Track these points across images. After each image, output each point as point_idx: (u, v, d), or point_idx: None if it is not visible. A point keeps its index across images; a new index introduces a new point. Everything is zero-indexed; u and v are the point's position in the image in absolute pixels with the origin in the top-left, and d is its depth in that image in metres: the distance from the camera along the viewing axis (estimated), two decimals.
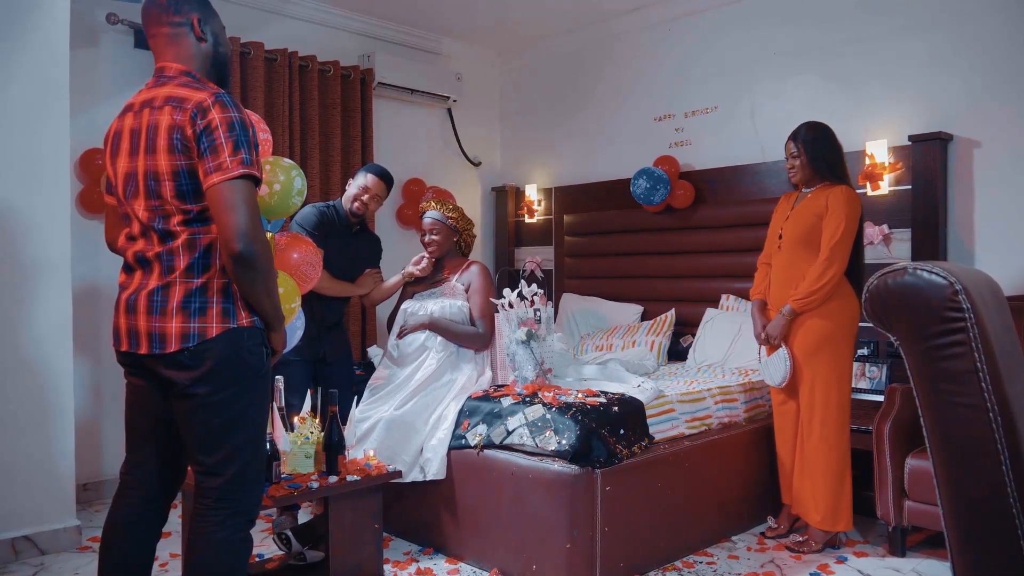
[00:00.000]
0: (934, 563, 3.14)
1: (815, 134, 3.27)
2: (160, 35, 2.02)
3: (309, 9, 4.86)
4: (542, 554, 2.86)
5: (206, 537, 1.96)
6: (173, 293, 1.91)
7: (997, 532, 1.26)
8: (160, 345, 1.91)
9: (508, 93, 6.02)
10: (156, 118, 1.91)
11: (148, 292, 1.93)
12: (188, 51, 2.02)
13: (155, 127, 1.91)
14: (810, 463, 3.23)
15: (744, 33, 4.59)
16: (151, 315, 1.92)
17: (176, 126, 1.88)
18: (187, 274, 1.92)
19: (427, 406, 3.27)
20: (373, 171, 3.57)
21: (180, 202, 1.91)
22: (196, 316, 1.91)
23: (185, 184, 1.90)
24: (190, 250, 1.92)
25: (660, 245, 4.86)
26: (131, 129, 1.97)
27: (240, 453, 1.98)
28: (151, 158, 1.91)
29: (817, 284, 3.12)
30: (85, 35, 4.00)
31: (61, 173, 3.32)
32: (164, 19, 2.01)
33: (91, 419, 4.01)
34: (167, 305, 1.91)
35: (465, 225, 3.65)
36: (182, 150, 1.88)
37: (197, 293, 1.91)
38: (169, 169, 1.89)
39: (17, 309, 3.21)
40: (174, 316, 1.90)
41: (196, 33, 2.03)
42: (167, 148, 1.89)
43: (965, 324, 1.24)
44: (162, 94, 1.94)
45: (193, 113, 1.87)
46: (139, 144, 1.94)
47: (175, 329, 1.90)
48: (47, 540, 3.24)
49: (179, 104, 1.89)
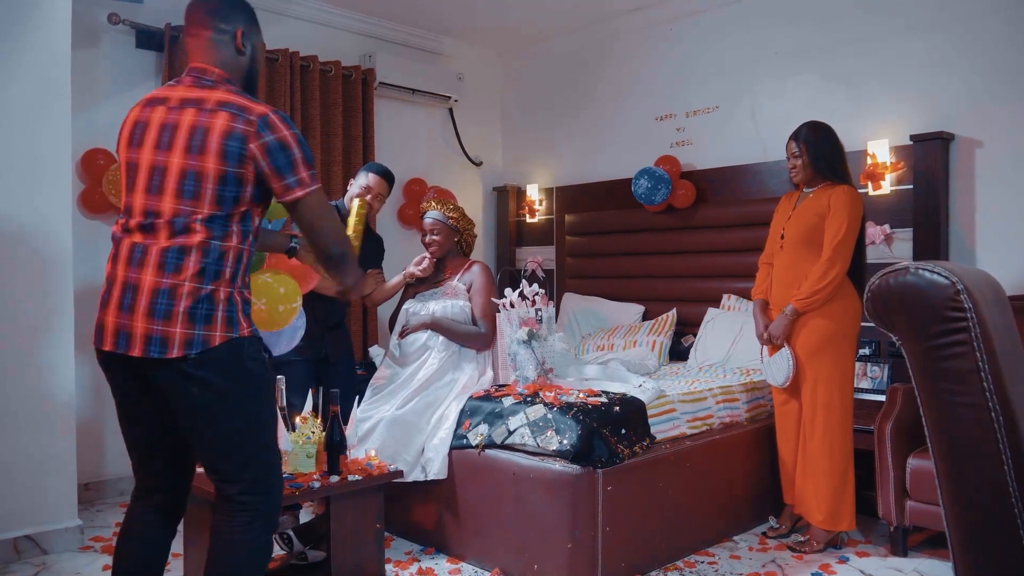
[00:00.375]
0: (936, 563, 3.14)
1: (817, 134, 3.27)
2: (202, 37, 2.01)
3: (310, 9, 4.86)
4: (543, 554, 2.86)
5: (228, 542, 1.96)
6: (180, 296, 1.86)
7: (999, 532, 1.26)
8: (160, 350, 1.84)
9: (509, 93, 6.02)
10: (208, 120, 1.90)
11: (152, 292, 1.86)
12: (227, 60, 2.02)
13: (206, 129, 1.89)
14: (812, 463, 3.23)
15: (745, 33, 4.58)
16: (152, 317, 1.85)
17: (237, 134, 1.88)
18: (198, 278, 1.88)
19: (428, 406, 3.27)
20: (375, 170, 3.56)
21: (217, 207, 1.90)
22: (201, 323, 1.87)
23: (231, 190, 1.90)
24: (205, 254, 1.89)
25: (661, 245, 4.85)
26: (163, 123, 1.93)
27: (256, 458, 1.99)
28: (196, 158, 1.88)
29: (820, 284, 3.12)
30: (86, 35, 4.00)
31: (62, 173, 3.33)
32: (210, 23, 2.01)
33: (93, 419, 4.02)
34: (172, 308, 1.85)
35: (466, 225, 3.65)
36: (238, 158, 1.89)
37: (205, 299, 1.88)
38: (217, 173, 1.88)
39: (19, 309, 3.22)
40: (179, 321, 1.85)
41: (237, 45, 2.04)
42: (220, 152, 1.88)
43: (967, 324, 1.24)
44: (214, 98, 1.93)
45: (260, 126, 1.89)
46: (175, 141, 1.90)
47: (179, 335, 1.85)
48: (49, 540, 3.24)
49: (240, 112, 1.90)
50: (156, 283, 1.87)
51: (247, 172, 1.90)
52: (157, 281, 1.87)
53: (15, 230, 3.21)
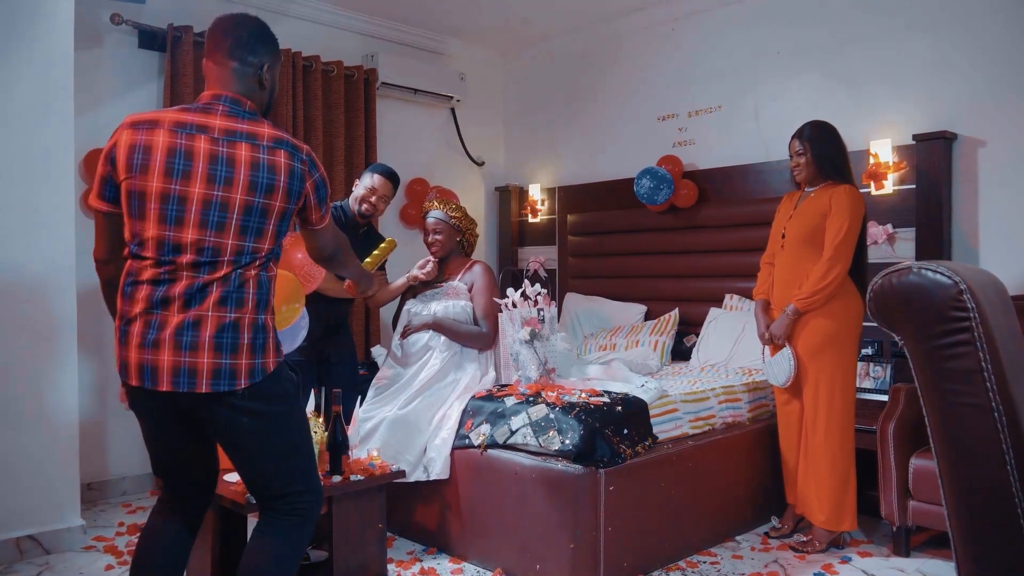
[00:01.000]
0: (938, 563, 3.13)
1: (820, 132, 3.27)
2: (227, 66, 1.99)
3: (312, 9, 4.86)
4: (546, 554, 2.86)
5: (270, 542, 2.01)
6: (244, 328, 1.88)
7: (1001, 532, 1.26)
8: (230, 382, 1.86)
9: (512, 93, 6.02)
10: (271, 159, 1.92)
11: (218, 327, 1.85)
12: (248, 91, 2.01)
13: (271, 167, 1.91)
14: (814, 463, 3.23)
15: (747, 33, 4.58)
16: (221, 352, 1.85)
17: (298, 172, 1.96)
18: (257, 309, 1.91)
19: (431, 406, 3.27)
20: (380, 171, 3.56)
21: (276, 240, 1.97)
22: (260, 351, 1.91)
23: (286, 226, 2.00)
24: (260, 286, 1.93)
25: (664, 245, 4.85)
26: (215, 155, 1.88)
27: (303, 470, 2.05)
28: (266, 196, 1.90)
29: (821, 283, 3.12)
30: (89, 35, 4.01)
31: (65, 173, 3.33)
32: (237, 54, 1.99)
33: (96, 419, 4.02)
34: (239, 340, 1.87)
35: (468, 225, 3.65)
36: (297, 195, 1.98)
37: (261, 328, 1.92)
38: (281, 210, 1.95)
39: (22, 309, 3.22)
40: (244, 352, 1.87)
41: (261, 79, 2.04)
42: (287, 190, 1.94)
43: (970, 324, 1.23)
44: (265, 133, 1.94)
45: (311, 165, 2.01)
46: (236, 177, 1.88)
47: (245, 366, 1.88)
48: (52, 539, 3.25)
49: (295, 151, 1.97)
50: (220, 318, 1.86)
51: (296, 207, 2.00)
52: (221, 316, 1.86)
53: (18, 230, 3.22)
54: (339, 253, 2.29)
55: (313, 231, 2.14)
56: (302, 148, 2.00)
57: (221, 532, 2.62)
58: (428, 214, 3.63)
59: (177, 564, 2.11)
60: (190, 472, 2.12)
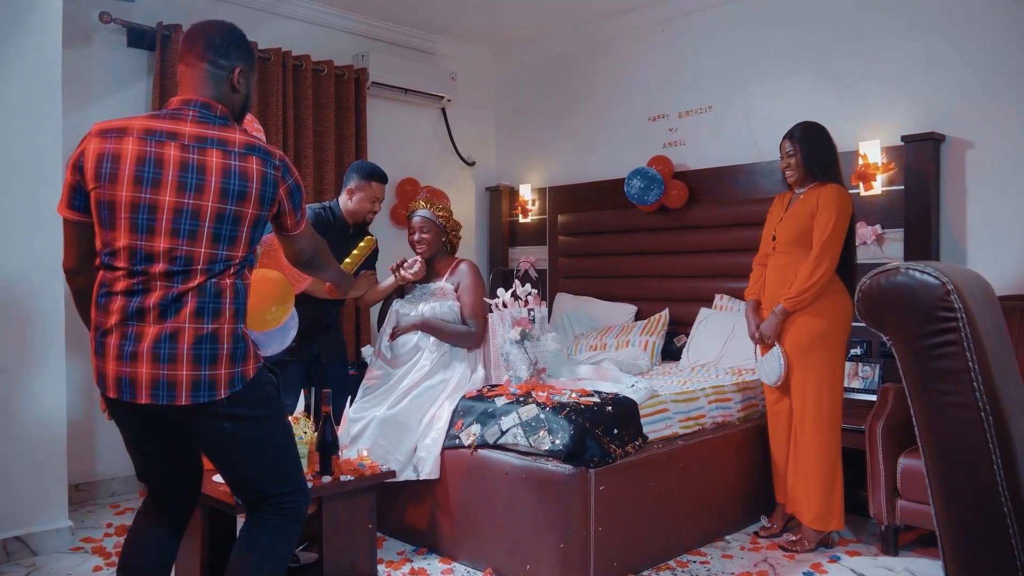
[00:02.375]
0: (926, 562, 3.15)
1: (810, 134, 3.28)
2: (199, 68, 1.97)
3: (303, 8, 4.85)
4: (536, 554, 2.86)
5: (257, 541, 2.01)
6: (223, 339, 1.87)
7: (989, 531, 1.27)
8: (210, 393, 1.85)
9: (502, 93, 6.02)
10: (242, 165, 1.90)
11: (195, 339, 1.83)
12: (220, 96, 1.99)
13: (242, 174, 1.89)
14: (803, 461, 3.24)
15: (738, 33, 4.59)
16: (199, 364, 1.84)
17: (270, 179, 1.94)
18: (235, 319, 1.91)
19: (420, 406, 3.27)
20: (377, 178, 3.49)
21: (248, 247, 1.95)
22: (240, 360, 1.91)
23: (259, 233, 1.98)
24: (236, 295, 1.92)
25: (654, 245, 4.86)
26: (185, 163, 1.85)
27: (289, 472, 2.05)
28: (238, 203, 1.88)
29: (808, 282, 3.13)
30: (78, 34, 3.98)
31: (53, 173, 3.31)
32: (209, 56, 1.97)
33: (84, 420, 3.99)
34: (218, 351, 1.86)
35: (453, 225, 3.65)
36: (270, 202, 1.95)
37: (239, 337, 1.92)
38: (254, 217, 1.93)
39: (9, 310, 3.20)
40: (223, 362, 1.87)
41: (233, 83, 2.00)
42: (259, 198, 1.92)
43: (957, 324, 1.24)
44: (237, 139, 1.92)
45: (284, 171, 1.98)
46: (206, 184, 1.85)
47: (225, 376, 1.87)
48: (39, 541, 3.23)
49: (267, 157, 1.95)
50: (198, 330, 1.84)
51: (271, 213, 1.98)
52: (198, 328, 1.85)
53: (6, 230, 3.19)
54: (317, 257, 2.25)
55: (289, 237, 2.11)
56: (275, 153, 1.98)
57: (210, 533, 2.61)
58: (415, 213, 3.62)
59: (163, 565, 2.11)
60: (174, 478, 2.12)
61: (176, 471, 2.12)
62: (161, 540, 2.11)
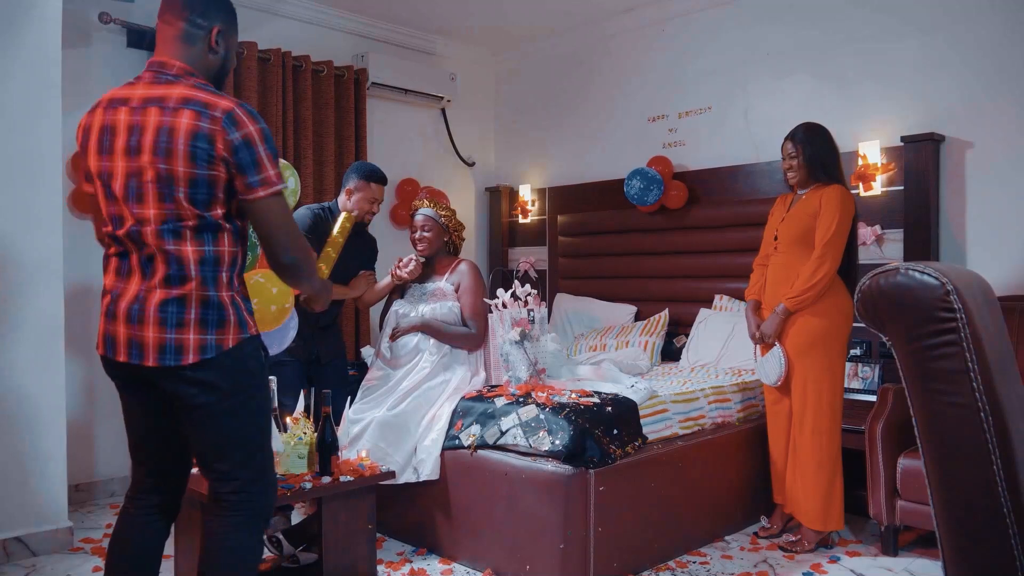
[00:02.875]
0: (926, 562, 3.15)
1: (812, 135, 3.28)
2: (174, 28, 1.94)
3: (303, 9, 4.85)
4: (536, 554, 2.86)
5: (222, 542, 1.96)
6: (191, 304, 1.86)
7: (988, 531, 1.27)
8: (176, 357, 1.84)
9: (502, 93, 6.02)
10: (172, 120, 1.83)
11: (160, 301, 1.85)
12: (196, 55, 1.95)
13: (171, 129, 1.82)
14: (802, 462, 3.24)
15: (737, 33, 4.60)
16: (165, 326, 1.84)
17: (203, 133, 1.81)
18: (204, 285, 1.87)
19: (420, 407, 3.26)
20: (376, 179, 3.50)
21: (195, 208, 1.86)
22: (214, 327, 1.87)
23: (202, 193, 1.85)
24: (203, 260, 1.87)
25: (654, 245, 4.86)
26: (130, 126, 1.86)
27: (253, 457, 1.99)
28: (166, 160, 1.82)
29: (810, 282, 3.13)
30: (77, 34, 3.98)
31: (54, 172, 3.31)
32: (186, 15, 1.93)
33: (83, 420, 4.00)
34: (184, 316, 1.85)
35: (457, 225, 3.63)
36: (206, 159, 1.82)
37: (214, 304, 1.88)
38: (187, 176, 1.83)
39: (9, 309, 3.20)
40: (191, 327, 1.85)
41: (211, 43, 1.96)
42: (188, 154, 1.82)
43: (957, 324, 1.24)
44: (175, 94, 1.85)
45: (226, 123, 1.82)
46: (143, 144, 1.84)
47: (193, 341, 1.85)
48: (39, 541, 3.23)
49: (204, 109, 1.82)
50: (165, 292, 1.85)
51: (219, 173, 1.85)
52: (167, 291, 1.85)
53: (5, 229, 3.20)
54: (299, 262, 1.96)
55: (246, 205, 1.89)
56: (217, 105, 1.83)
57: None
58: (417, 212, 3.61)
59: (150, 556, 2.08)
60: (162, 452, 2.07)
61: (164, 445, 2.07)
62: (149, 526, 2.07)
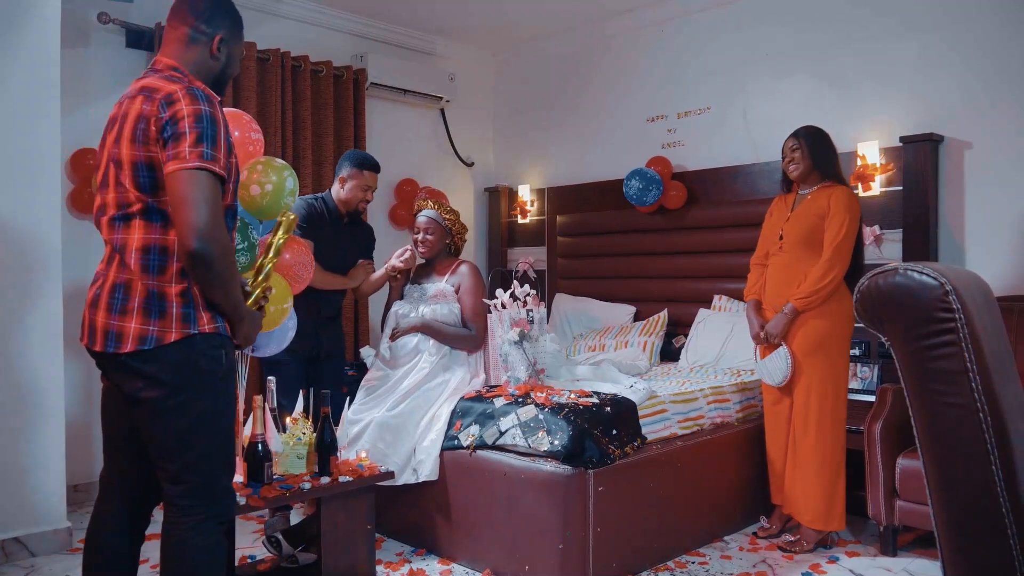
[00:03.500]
0: (925, 562, 3.15)
1: (815, 134, 3.29)
2: (178, 32, 2.00)
3: (301, 9, 4.85)
4: (535, 554, 2.86)
5: (178, 544, 1.92)
6: (134, 291, 1.86)
7: (987, 531, 1.27)
8: (115, 344, 1.86)
9: (501, 94, 6.02)
10: (127, 107, 1.91)
11: (111, 287, 1.89)
12: (197, 59, 2.00)
13: (124, 116, 1.90)
14: (803, 463, 3.24)
15: (736, 34, 4.60)
16: (111, 312, 1.87)
17: (143, 115, 1.85)
18: (145, 274, 1.86)
19: (419, 407, 3.26)
20: (369, 167, 3.51)
21: (139, 192, 1.87)
22: (156, 318, 1.85)
23: (144, 176, 1.86)
24: (145, 250, 1.87)
25: (653, 246, 4.86)
26: (110, 119, 1.97)
27: (203, 460, 1.93)
28: (117, 147, 1.90)
29: (820, 284, 3.13)
30: (76, 34, 3.98)
31: (52, 173, 3.31)
32: (190, 21, 1.99)
33: (82, 420, 3.99)
34: (127, 303, 1.86)
35: (460, 229, 3.64)
36: (143, 140, 1.85)
37: (155, 295, 1.86)
38: (129, 159, 1.87)
39: (7, 309, 3.20)
40: (134, 316, 1.85)
41: (212, 50, 2.01)
42: (130, 137, 1.87)
43: (955, 324, 1.24)
44: (138, 85, 1.93)
45: (161, 103, 1.83)
46: (110, 133, 1.94)
47: (133, 330, 1.85)
48: (37, 542, 3.22)
49: (150, 94, 1.87)
50: (116, 278, 1.90)
51: (156, 154, 1.84)
52: (117, 276, 1.90)
53: (4, 229, 3.19)
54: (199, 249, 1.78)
55: (166, 176, 1.81)
56: (161, 89, 1.85)
57: None
58: (421, 212, 3.60)
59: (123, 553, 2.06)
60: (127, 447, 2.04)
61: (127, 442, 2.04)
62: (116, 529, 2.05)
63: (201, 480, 1.93)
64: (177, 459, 1.91)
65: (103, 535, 2.05)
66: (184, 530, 1.92)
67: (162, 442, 1.91)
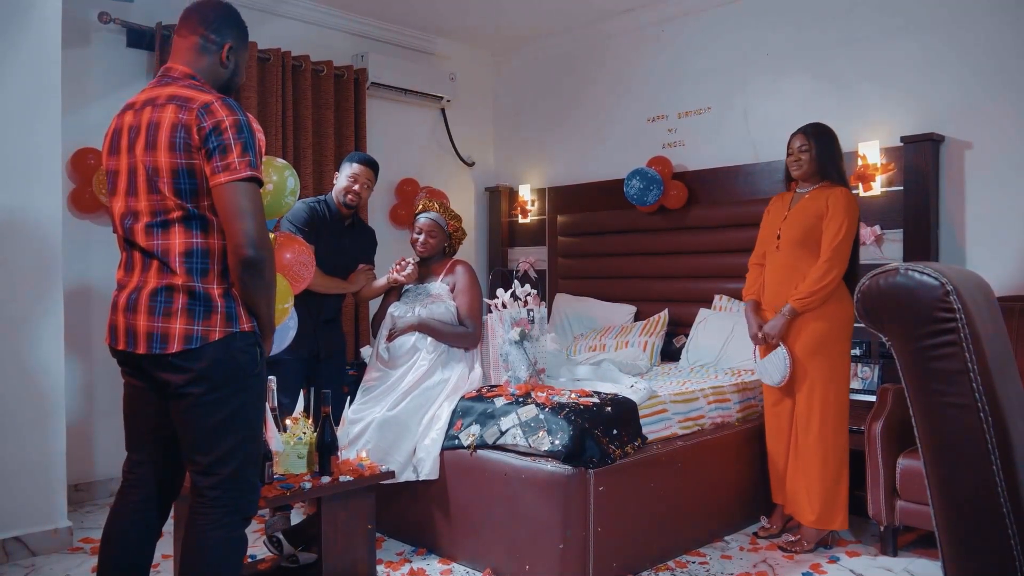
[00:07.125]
0: (925, 562, 3.15)
1: (824, 132, 3.28)
2: (188, 41, 2.06)
3: (302, 9, 4.85)
4: (535, 554, 2.86)
5: (202, 536, 1.98)
6: (177, 294, 1.92)
7: (988, 531, 1.27)
8: (162, 345, 1.91)
9: (502, 93, 6.02)
10: (158, 115, 1.94)
11: (151, 291, 1.93)
12: (205, 66, 2.07)
13: (157, 124, 1.93)
14: (805, 462, 3.24)
15: (737, 34, 4.60)
16: (153, 315, 1.92)
17: (181, 124, 1.91)
18: (190, 276, 1.93)
19: (420, 407, 3.26)
20: (357, 160, 3.53)
21: (179, 199, 1.93)
22: (201, 319, 1.92)
23: (184, 183, 1.92)
24: (189, 252, 1.94)
25: (653, 246, 4.86)
26: (130, 126, 1.99)
27: (235, 453, 1.99)
28: (152, 153, 1.93)
29: (819, 284, 3.13)
30: (77, 34, 3.98)
31: (53, 173, 3.31)
32: (200, 31, 2.06)
33: (83, 420, 3.99)
34: (171, 306, 1.92)
35: (461, 236, 3.67)
36: (184, 148, 1.91)
37: (202, 296, 1.93)
38: (169, 167, 1.92)
39: (9, 309, 3.20)
40: (178, 317, 1.91)
41: (222, 58, 2.09)
42: (168, 145, 1.91)
43: (956, 324, 1.24)
44: (166, 93, 1.97)
45: (200, 112, 1.90)
46: (138, 140, 1.95)
47: (178, 331, 1.91)
48: (38, 541, 3.23)
49: (184, 103, 1.92)
50: (156, 282, 1.94)
51: (197, 162, 1.92)
52: (157, 280, 1.94)
53: (5, 229, 3.19)
54: (257, 273, 1.93)
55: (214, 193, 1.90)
56: (196, 99, 1.92)
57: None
58: (424, 214, 3.60)
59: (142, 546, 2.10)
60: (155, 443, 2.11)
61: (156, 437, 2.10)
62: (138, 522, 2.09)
63: (232, 472, 2.00)
64: (211, 452, 1.97)
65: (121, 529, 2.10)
66: (208, 521, 1.98)
67: (199, 435, 1.97)
